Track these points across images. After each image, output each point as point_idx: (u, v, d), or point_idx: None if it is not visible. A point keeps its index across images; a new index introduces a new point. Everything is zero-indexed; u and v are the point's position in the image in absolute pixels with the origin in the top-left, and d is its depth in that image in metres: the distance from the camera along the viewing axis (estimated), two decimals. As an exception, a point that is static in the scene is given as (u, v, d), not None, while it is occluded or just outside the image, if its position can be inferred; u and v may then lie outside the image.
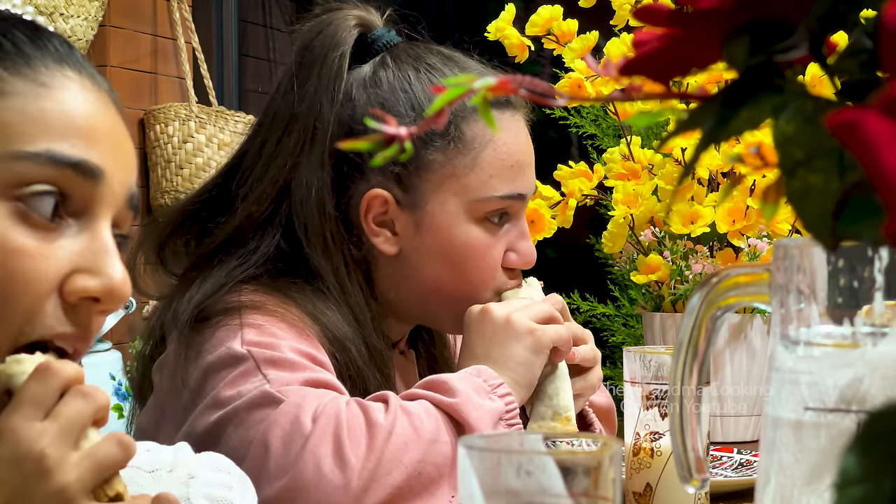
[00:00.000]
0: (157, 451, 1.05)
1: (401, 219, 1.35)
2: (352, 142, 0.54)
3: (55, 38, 0.86)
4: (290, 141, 1.34)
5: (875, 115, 0.41)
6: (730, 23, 0.51)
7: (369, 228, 1.35)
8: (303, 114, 1.34)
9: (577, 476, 0.60)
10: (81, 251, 0.82)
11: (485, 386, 1.24)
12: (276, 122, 1.36)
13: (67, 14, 3.01)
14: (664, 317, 1.67)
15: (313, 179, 1.33)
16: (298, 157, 1.33)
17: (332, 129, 1.33)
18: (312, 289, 1.32)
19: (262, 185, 1.34)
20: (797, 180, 0.48)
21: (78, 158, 0.82)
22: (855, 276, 0.57)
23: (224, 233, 1.34)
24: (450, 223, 1.35)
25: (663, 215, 1.69)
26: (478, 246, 1.36)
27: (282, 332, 1.25)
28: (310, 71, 1.35)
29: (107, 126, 0.85)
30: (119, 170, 0.85)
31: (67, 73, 0.84)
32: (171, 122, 3.21)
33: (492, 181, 1.36)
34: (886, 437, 0.43)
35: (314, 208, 1.33)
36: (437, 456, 1.17)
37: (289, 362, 1.21)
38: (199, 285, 1.30)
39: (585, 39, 1.74)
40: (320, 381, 1.20)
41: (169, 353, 1.31)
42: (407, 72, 1.37)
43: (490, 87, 0.54)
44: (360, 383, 1.30)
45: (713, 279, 0.70)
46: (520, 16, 1.77)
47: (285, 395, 1.17)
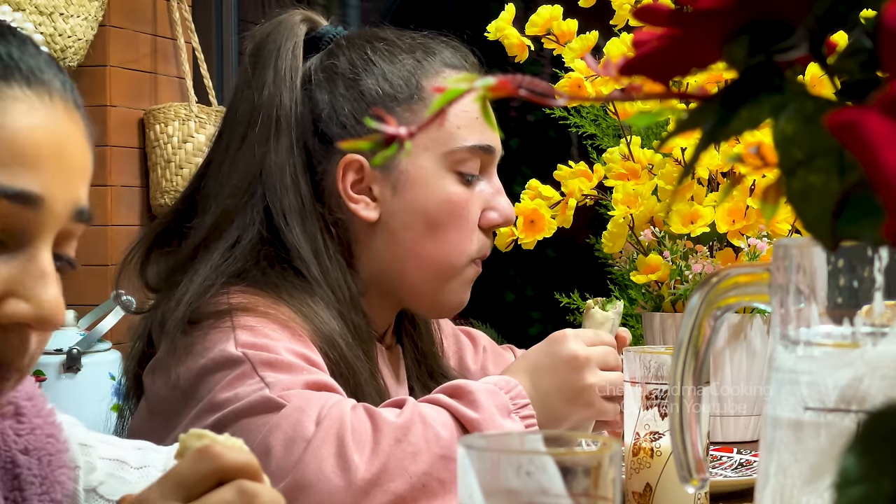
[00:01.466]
0: (147, 450, 1.05)
1: (377, 181, 1.37)
2: (353, 141, 0.54)
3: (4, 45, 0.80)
4: (254, 132, 1.36)
5: (875, 115, 0.40)
6: (730, 23, 0.51)
7: (348, 195, 1.37)
8: (264, 105, 1.37)
9: (576, 476, 0.60)
10: (16, 275, 0.80)
11: (509, 404, 1.24)
12: (239, 120, 1.39)
13: (67, 14, 3.01)
14: (664, 317, 1.67)
15: (284, 163, 1.35)
16: (266, 146, 1.36)
17: (296, 115, 1.37)
18: (301, 282, 1.33)
19: (233, 179, 1.36)
20: (797, 180, 0.48)
21: (14, 190, 0.78)
22: (855, 276, 0.57)
23: (201, 232, 1.35)
24: (426, 178, 1.37)
25: (663, 215, 1.69)
26: (455, 200, 1.38)
27: (275, 333, 1.24)
28: (265, 67, 1.39)
29: (53, 146, 0.81)
30: (64, 190, 0.81)
31: (13, 91, 0.79)
32: (171, 122, 3.21)
33: (460, 132, 1.38)
34: (886, 437, 0.43)
35: (289, 190, 1.35)
36: (445, 472, 1.17)
37: (286, 364, 1.20)
38: (186, 285, 1.30)
39: (585, 39, 1.74)
40: (320, 383, 1.20)
41: (160, 356, 1.30)
42: (363, 47, 1.41)
43: (490, 87, 0.54)
44: (351, 378, 1.30)
45: (713, 279, 0.70)
46: (520, 16, 1.77)
47: (287, 400, 1.16)
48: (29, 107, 0.80)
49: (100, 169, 3.19)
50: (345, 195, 1.37)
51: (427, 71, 1.40)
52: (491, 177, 1.42)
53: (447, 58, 1.42)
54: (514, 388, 1.25)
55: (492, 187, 1.42)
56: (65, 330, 2.85)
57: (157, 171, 3.22)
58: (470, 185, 1.39)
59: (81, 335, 2.83)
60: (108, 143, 3.18)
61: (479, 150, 1.39)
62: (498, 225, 1.43)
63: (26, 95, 0.80)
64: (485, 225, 1.41)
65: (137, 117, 3.27)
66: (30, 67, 0.81)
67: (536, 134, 4.88)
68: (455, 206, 1.38)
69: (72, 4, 3.01)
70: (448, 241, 1.38)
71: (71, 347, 2.77)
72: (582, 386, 1.30)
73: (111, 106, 3.19)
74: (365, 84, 1.38)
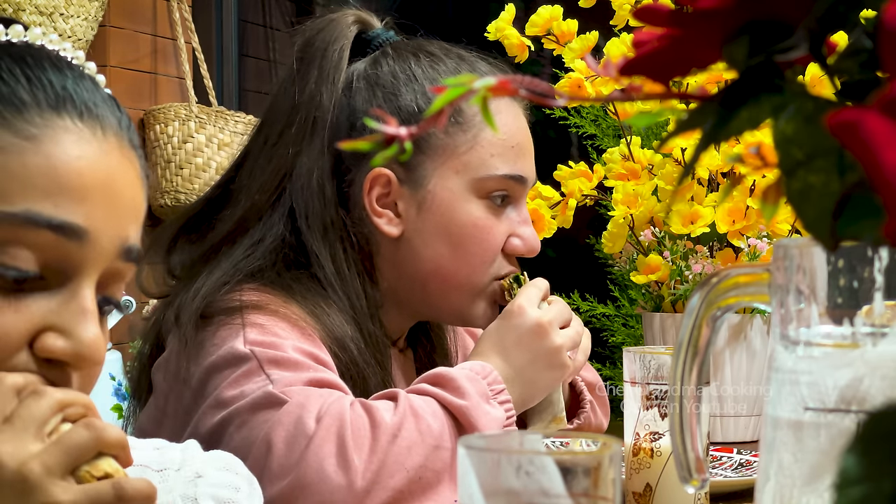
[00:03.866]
0: (166, 450, 1.04)
1: (403, 198, 1.37)
2: (352, 142, 0.54)
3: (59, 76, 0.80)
4: (291, 131, 1.36)
5: (875, 115, 0.40)
6: (730, 23, 0.51)
7: (372, 209, 1.36)
8: (304, 104, 1.36)
9: (576, 476, 0.60)
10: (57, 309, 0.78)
11: (487, 391, 1.24)
12: (278, 116, 1.38)
13: (67, 14, 3.01)
14: (664, 317, 1.67)
15: (314, 166, 1.35)
16: (300, 146, 1.35)
17: (332, 118, 1.36)
18: (316, 286, 1.33)
19: (265, 175, 1.36)
20: (797, 180, 0.48)
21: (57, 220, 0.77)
22: (855, 276, 0.57)
23: (228, 224, 1.35)
24: (452, 201, 1.36)
25: (663, 215, 1.69)
26: (480, 225, 1.37)
27: (284, 332, 1.24)
28: (310, 64, 1.38)
29: (101, 179, 0.80)
30: (111, 225, 0.80)
31: (63, 122, 0.79)
32: (171, 122, 3.21)
33: (493, 160, 1.37)
34: (886, 437, 0.43)
35: (314, 194, 1.34)
36: (438, 462, 1.18)
37: (292, 362, 1.21)
38: (205, 277, 1.31)
39: (585, 39, 1.74)
40: (324, 381, 1.20)
41: (169, 352, 1.30)
42: (407, 59, 1.39)
43: (490, 87, 0.54)
44: (361, 383, 1.30)
45: (713, 279, 0.70)
46: (520, 16, 1.77)
47: (289, 396, 1.17)
48: (79, 138, 0.79)
49: (100, 169, 3.19)
50: (369, 208, 1.36)
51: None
52: (520, 205, 1.41)
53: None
54: (489, 373, 1.26)
55: (519, 216, 1.41)
56: (65, 330, 2.85)
57: (157, 172, 3.22)
58: (497, 211, 1.38)
59: (81, 335, 2.83)
60: (108, 143, 3.18)
61: (509, 180, 1.38)
62: (521, 254, 1.42)
63: (77, 127, 0.79)
64: (508, 251, 1.40)
65: (137, 117, 3.27)
66: (84, 101, 0.80)
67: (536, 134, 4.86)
68: (479, 230, 1.37)
69: (72, 4, 3.01)
70: (469, 263, 1.37)
71: (71, 347, 2.77)
72: (552, 349, 1.32)
73: (111, 106, 3.19)
74: (404, 99, 1.37)
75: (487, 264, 1.38)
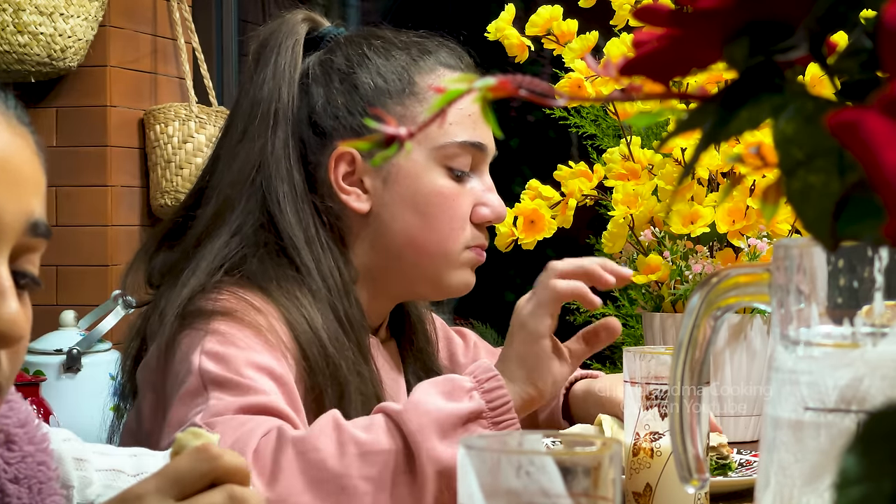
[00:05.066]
0: (143, 457, 1.05)
1: (368, 174, 1.41)
2: (352, 142, 0.54)
3: None
4: (254, 125, 1.41)
5: (875, 115, 0.41)
6: (730, 23, 0.51)
7: (340, 187, 1.40)
8: (264, 99, 1.41)
9: (577, 476, 0.60)
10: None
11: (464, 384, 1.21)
12: (241, 115, 1.43)
13: (67, 14, 3.01)
14: (664, 317, 1.67)
15: (280, 155, 1.39)
16: (265, 138, 1.40)
17: (293, 108, 1.41)
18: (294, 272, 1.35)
19: (234, 170, 1.40)
20: (797, 180, 0.48)
21: None
22: (855, 276, 0.57)
23: (203, 222, 1.39)
24: (416, 171, 1.40)
25: (663, 215, 1.69)
26: (445, 193, 1.40)
27: (245, 342, 1.26)
28: (266, 62, 1.43)
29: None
30: (13, 203, 0.80)
31: None
32: (171, 122, 3.21)
33: (451, 128, 1.40)
34: (886, 437, 0.43)
35: (284, 180, 1.38)
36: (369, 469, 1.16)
37: (234, 383, 1.21)
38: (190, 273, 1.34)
39: (585, 39, 1.74)
40: (258, 406, 1.20)
41: (150, 353, 1.33)
42: (359, 44, 1.45)
43: (490, 87, 0.54)
44: (335, 371, 1.31)
45: (713, 279, 0.70)
46: (520, 16, 1.77)
47: (212, 427, 1.17)
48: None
49: (100, 169, 3.20)
50: (336, 186, 1.40)
51: (421, 68, 1.43)
52: (483, 174, 1.45)
53: (443, 57, 1.45)
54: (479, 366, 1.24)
55: (483, 185, 1.44)
56: (65, 330, 2.86)
57: (157, 172, 3.22)
58: (460, 180, 1.42)
59: (81, 335, 2.83)
60: (108, 143, 3.18)
61: (469, 147, 1.41)
62: (489, 221, 1.44)
63: None
64: (476, 220, 1.43)
65: (137, 117, 3.27)
66: None
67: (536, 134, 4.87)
68: (445, 198, 1.40)
69: (72, 4, 3.01)
70: (439, 231, 1.40)
71: (71, 347, 2.77)
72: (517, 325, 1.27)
73: (111, 106, 3.19)
74: (359, 78, 1.42)
75: (457, 231, 1.41)
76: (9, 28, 2.97)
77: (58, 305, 3.03)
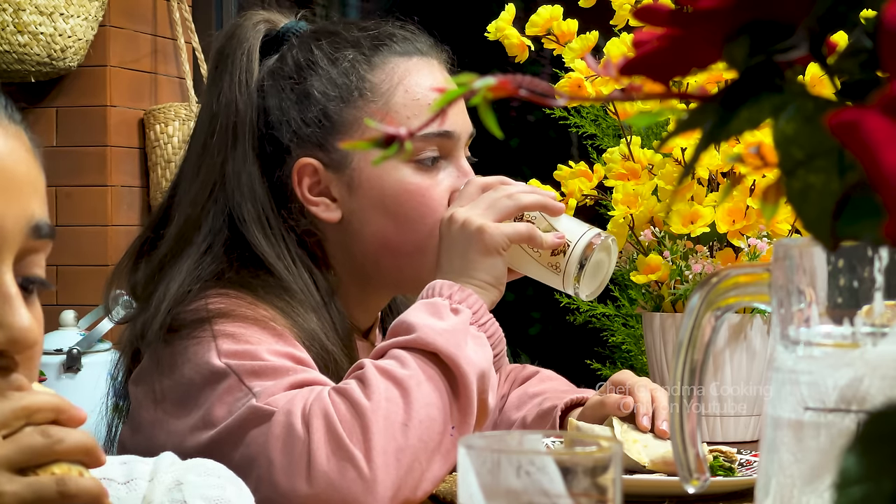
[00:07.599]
0: (133, 463, 1.04)
1: (333, 182, 1.36)
2: (352, 142, 0.54)
3: None
4: (213, 141, 1.36)
5: (875, 115, 0.41)
6: (730, 23, 0.51)
7: (306, 199, 1.36)
8: (221, 112, 1.37)
9: (576, 476, 0.60)
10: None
11: (441, 303, 1.24)
12: (200, 128, 1.39)
13: (67, 14, 3.01)
14: (664, 317, 1.67)
15: (241, 171, 1.35)
16: (224, 154, 1.36)
17: (250, 121, 1.36)
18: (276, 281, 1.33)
19: (195, 187, 1.36)
20: (797, 180, 0.48)
21: None
22: (855, 276, 0.57)
23: (168, 242, 1.35)
24: (379, 173, 1.35)
25: (663, 215, 1.69)
26: (412, 189, 1.35)
27: (255, 337, 1.24)
28: (223, 72, 1.39)
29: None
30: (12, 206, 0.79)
31: None
32: (171, 122, 3.21)
33: (410, 122, 1.36)
34: (886, 437, 0.43)
35: (246, 198, 1.34)
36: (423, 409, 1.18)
37: (271, 368, 1.20)
38: (161, 293, 1.30)
39: (585, 39, 1.74)
40: (305, 381, 1.20)
41: (143, 366, 1.30)
42: (308, 47, 1.39)
43: (490, 87, 0.54)
44: (336, 371, 1.30)
45: (713, 279, 0.70)
46: (520, 16, 1.76)
47: (274, 406, 1.16)
48: None
49: (100, 169, 3.20)
50: (303, 199, 1.36)
51: (374, 64, 1.38)
52: (457, 160, 1.39)
53: (397, 47, 1.40)
54: (438, 289, 1.26)
55: (459, 171, 1.39)
56: (65, 330, 2.86)
57: (157, 171, 3.22)
58: (430, 171, 1.36)
59: (81, 335, 2.83)
60: (108, 143, 3.18)
61: (434, 138, 1.36)
62: None
63: None
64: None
65: (137, 117, 3.27)
66: None
67: (536, 134, 4.87)
68: (413, 195, 1.35)
69: (72, 4, 3.01)
70: (414, 230, 1.36)
71: (71, 347, 2.77)
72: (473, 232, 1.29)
73: (111, 106, 3.19)
74: (310, 87, 1.37)
75: (432, 226, 1.35)
76: (9, 28, 2.97)
77: (58, 305, 3.03)
